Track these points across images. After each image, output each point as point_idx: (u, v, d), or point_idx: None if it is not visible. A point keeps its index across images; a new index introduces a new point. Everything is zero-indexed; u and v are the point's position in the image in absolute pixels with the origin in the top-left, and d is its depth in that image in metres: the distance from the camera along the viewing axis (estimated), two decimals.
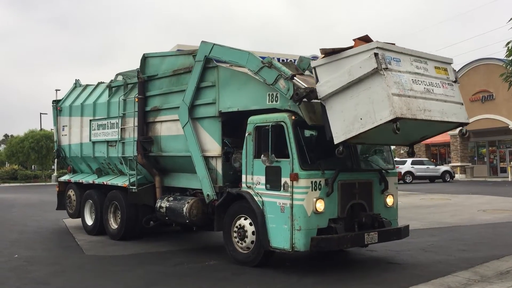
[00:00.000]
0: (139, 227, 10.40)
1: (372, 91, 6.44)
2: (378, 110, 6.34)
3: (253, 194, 7.57)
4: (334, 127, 6.86)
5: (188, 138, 8.84)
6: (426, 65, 7.05)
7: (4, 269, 7.93)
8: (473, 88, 38.99)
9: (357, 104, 6.59)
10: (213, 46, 8.55)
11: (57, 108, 13.27)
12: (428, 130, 7.52)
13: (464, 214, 14.56)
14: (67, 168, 13.34)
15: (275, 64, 7.55)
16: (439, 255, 8.55)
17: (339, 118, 6.81)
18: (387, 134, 6.75)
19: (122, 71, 11.58)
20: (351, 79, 6.59)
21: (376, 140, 7.59)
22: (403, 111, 6.25)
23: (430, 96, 6.80)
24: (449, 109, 7.04)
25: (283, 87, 7.34)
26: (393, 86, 6.34)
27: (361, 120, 6.51)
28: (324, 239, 6.97)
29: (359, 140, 7.05)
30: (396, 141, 8.05)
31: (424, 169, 35.02)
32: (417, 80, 6.75)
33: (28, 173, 49.21)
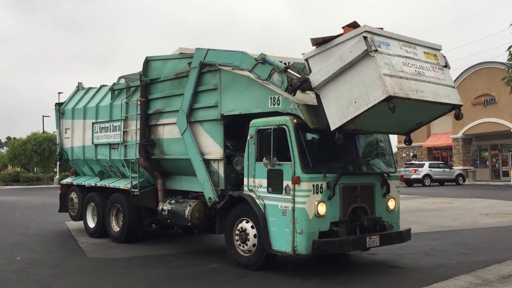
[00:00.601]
0: (141, 230, 10.41)
1: (364, 74, 6.54)
2: (371, 91, 6.42)
3: (255, 197, 7.58)
4: (330, 114, 6.95)
5: (187, 144, 8.89)
6: (415, 50, 7.15)
7: (6, 272, 7.95)
8: (475, 91, 38.99)
9: (350, 89, 6.68)
10: (208, 51, 8.68)
11: (59, 111, 13.30)
12: (423, 114, 7.51)
13: (466, 218, 14.54)
14: (70, 170, 13.38)
15: (268, 59, 7.64)
16: (441, 258, 8.54)
17: (334, 104, 6.91)
18: (383, 119, 6.91)
19: (125, 74, 11.64)
20: (342, 65, 6.69)
21: (372, 127, 7.59)
22: (395, 90, 6.32)
23: (421, 78, 6.87)
24: (441, 91, 7.08)
25: (277, 80, 7.45)
26: (384, 67, 6.43)
27: (355, 103, 6.60)
28: (326, 242, 6.97)
29: (356, 126, 7.09)
30: (392, 128, 8.00)
31: (441, 172, 35.36)
32: (408, 63, 6.84)
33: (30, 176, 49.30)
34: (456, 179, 35.37)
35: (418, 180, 34.31)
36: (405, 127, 7.90)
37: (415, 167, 35.38)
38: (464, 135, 40.64)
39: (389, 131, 8.18)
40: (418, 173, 34.39)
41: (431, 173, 34.73)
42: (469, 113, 39.44)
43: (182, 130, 9.00)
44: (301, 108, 7.19)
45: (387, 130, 8.11)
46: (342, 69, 6.73)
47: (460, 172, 36.26)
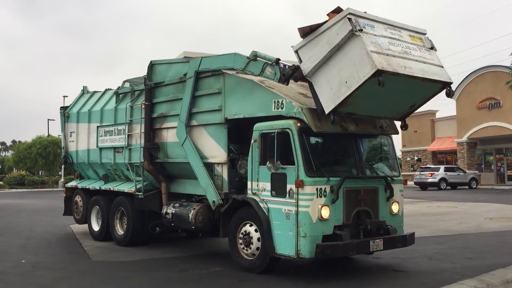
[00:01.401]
0: (145, 233, 10.43)
1: (352, 53, 6.70)
2: (360, 69, 6.57)
3: (258, 201, 7.59)
4: (323, 98, 7.09)
5: (188, 153, 8.97)
6: (400, 33, 7.28)
7: (11, 274, 7.99)
8: (480, 95, 38.88)
9: (340, 70, 6.85)
10: (201, 59, 8.88)
11: (64, 115, 13.37)
12: (414, 94, 7.56)
13: (470, 222, 14.49)
14: (74, 174, 13.43)
15: (260, 55, 7.83)
16: (445, 263, 8.52)
17: (326, 88, 7.06)
18: (376, 100, 7.13)
19: (129, 78, 11.68)
20: (330, 48, 6.87)
21: (366, 110, 7.61)
22: (383, 65, 6.47)
23: (408, 57, 7.00)
24: (430, 69, 7.17)
25: (270, 73, 7.62)
26: (370, 45, 6.59)
27: (346, 83, 6.74)
28: (329, 246, 6.98)
29: (350, 108, 7.18)
30: (386, 112, 8.00)
31: (455, 175, 35.45)
32: (394, 42, 6.99)
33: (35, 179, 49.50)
34: (469, 182, 35.50)
35: (434, 183, 34.43)
36: (399, 110, 7.93)
37: (431, 171, 35.44)
38: (469, 139, 40.50)
39: (383, 115, 8.13)
40: (434, 177, 34.48)
41: (447, 177, 34.84)
42: (473, 117, 39.38)
43: (182, 140, 9.12)
44: (305, 111, 7.22)
45: (381, 114, 8.04)
46: (331, 53, 6.91)
47: (473, 176, 36.29)
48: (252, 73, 7.90)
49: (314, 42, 7.21)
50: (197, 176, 8.75)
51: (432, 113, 49.02)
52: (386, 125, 8.25)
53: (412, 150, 49.67)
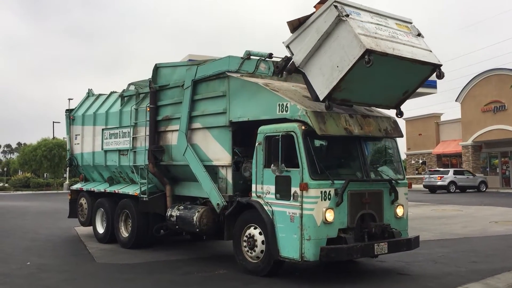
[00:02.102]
0: (150, 236, 10.46)
1: (341, 38, 6.89)
2: (350, 51, 6.74)
3: (262, 204, 7.59)
4: (317, 85, 7.26)
5: (190, 162, 9.02)
6: (387, 21, 7.45)
7: (16, 276, 8.02)
8: (485, 98, 38.77)
9: (331, 56, 7.03)
10: (197, 67, 9.02)
11: (70, 117, 13.44)
12: (405, 78, 7.63)
13: (475, 225, 14.43)
14: (79, 176, 13.47)
15: (253, 53, 8.00)
16: (450, 266, 8.50)
17: (319, 75, 7.23)
18: (369, 86, 7.30)
19: (134, 81, 11.73)
20: (319, 36, 7.07)
21: (361, 97, 7.68)
22: (371, 45, 6.62)
23: (396, 40, 7.15)
24: (418, 52, 7.30)
25: (264, 68, 7.80)
26: (358, 28, 6.79)
27: (338, 67, 6.91)
28: (334, 249, 6.97)
29: (344, 94, 7.28)
30: (380, 100, 8.05)
31: (465, 179, 35.42)
32: (381, 28, 7.17)
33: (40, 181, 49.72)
34: (479, 186, 35.42)
35: (443, 186, 34.37)
36: (393, 97, 7.99)
37: (440, 174, 35.37)
38: (474, 142, 40.37)
39: (378, 103, 8.16)
40: (444, 180, 34.41)
41: (456, 180, 34.77)
42: (478, 120, 39.26)
43: (183, 149, 9.18)
44: (309, 114, 7.22)
45: (376, 102, 8.09)
46: (321, 41, 7.10)
47: (482, 179, 36.17)
48: (247, 72, 8.06)
49: (303, 34, 7.40)
50: (200, 182, 8.81)
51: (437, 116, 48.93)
52: (390, 128, 8.25)
53: (416, 153, 49.54)
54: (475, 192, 34.28)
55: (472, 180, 35.64)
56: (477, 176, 36.56)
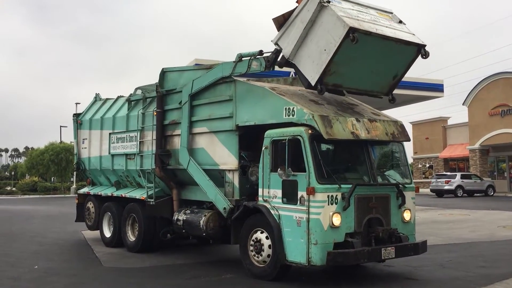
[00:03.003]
0: (157, 240, 10.47)
1: (325, 23, 7.23)
2: (334, 33, 7.06)
3: (269, 208, 7.59)
4: (307, 72, 7.53)
5: (194, 174, 9.11)
6: (368, 10, 7.75)
7: (24, 280, 8.06)
8: (492, 102, 38.61)
9: (318, 42, 7.33)
10: (193, 82, 9.24)
11: (77, 122, 13.49)
12: (392, 61, 7.83)
13: (483, 230, 14.34)
14: (86, 180, 13.52)
15: (244, 54, 8.24)
16: (458, 271, 8.45)
17: (308, 63, 7.50)
18: (358, 70, 7.59)
19: (141, 85, 11.76)
20: (305, 25, 7.41)
21: (352, 82, 7.90)
22: (354, 25, 6.92)
23: (378, 23, 7.42)
24: (401, 33, 7.57)
25: (256, 65, 8.07)
26: (340, 11, 7.13)
27: (325, 50, 7.20)
28: (341, 254, 6.95)
29: (335, 78, 7.52)
30: (372, 85, 8.25)
31: (472, 183, 35.34)
32: (362, 13, 7.46)
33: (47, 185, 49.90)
34: (486, 190, 35.28)
35: (451, 191, 34.23)
36: (383, 82, 8.17)
37: (447, 178, 35.23)
38: (481, 146, 40.17)
39: (370, 89, 8.32)
40: (451, 184, 34.28)
41: (463, 184, 34.63)
42: (486, 124, 39.07)
43: (186, 163, 9.27)
44: (316, 118, 7.22)
45: (367, 87, 8.26)
46: (306, 30, 7.42)
47: (490, 183, 35.98)
48: (240, 73, 8.35)
49: (290, 28, 7.70)
50: (205, 191, 8.87)
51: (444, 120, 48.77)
52: (397, 132, 8.23)
53: (423, 157, 49.36)
54: (482, 197, 34.09)
55: (479, 184, 35.50)
56: (484, 180, 36.37)
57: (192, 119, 9.42)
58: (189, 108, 9.35)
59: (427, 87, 25.27)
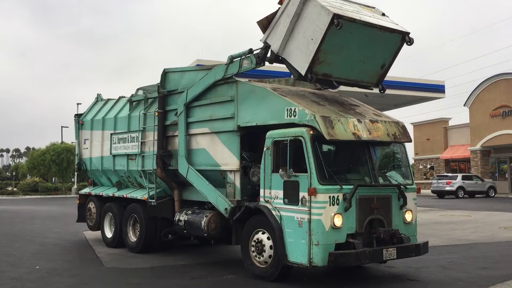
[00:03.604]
0: (158, 240, 10.47)
1: (310, 14, 7.46)
2: (320, 22, 7.27)
3: (271, 209, 7.59)
4: (297, 63, 7.70)
5: (194, 182, 9.19)
6: (350, 4, 7.95)
7: (26, 280, 8.06)
8: (493, 103, 38.58)
9: (304, 33, 7.55)
10: (187, 91, 9.37)
11: (79, 122, 13.51)
12: (378, 50, 8.02)
13: (485, 231, 14.33)
14: (88, 181, 13.53)
15: (235, 55, 8.45)
16: (459, 272, 8.44)
17: (297, 54, 7.67)
18: (346, 58, 7.77)
19: (143, 86, 11.78)
20: (290, 18, 7.65)
21: (341, 72, 8.01)
22: (338, 11, 7.16)
23: (362, 13, 7.62)
24: (384, 23, 7.75)
25: (247, 64, 8.28)
26: (324, 2, 7.35)
27: (312, 40, 7.39)
28: (342, 255, 6.95)
29: (324, 67, 7.66)
30: (361, 75, 8.34)
31: (473, 184, 35.33)
32: (345, 4, 7.70)
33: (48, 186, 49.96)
34: (488, 191, 35.26)
35: (452, 192, 34.20)
36: (372, 71, 8.31)
37: (448, 179, 35.20)
38: (482, 147, 40.13)
39: (359, 78, 8.40)
40: (452, 185, 34.25)
41: (464, 185, 34.62)
42: (487, 125, 39.03)
43: (185, 172, 9.36)
44: (318, 119, 7.22)
45: (357, 77, 8.35)
46: (293, 23, 7.65)
47: (491, 185, 35.96)
48: (232, 74, 8.52)
49: (276, 26, 7.92)
50: (206, 196, 8.91)
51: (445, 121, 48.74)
52: (399, 133, 8.22)
53: (424, 158, 49.32)
54: (483, 198, 34.05)
55: (480, 186, 35.48)
56: (485, 182, 36.33)
57: (192, 121, 9.45)
58: (185, 118, 9.49)
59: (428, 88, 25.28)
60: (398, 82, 22.67)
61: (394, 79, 23.00)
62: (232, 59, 8.50)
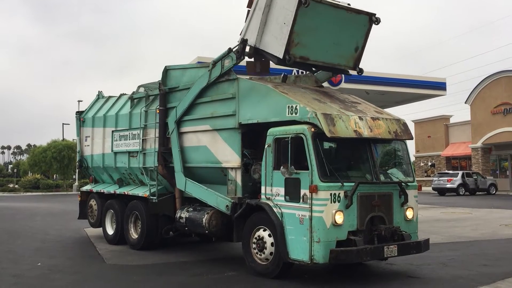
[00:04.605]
0: (159, 237, 10.49)
1: (279, 1, 7.90)
2: (289, 5, 7.70)
3: (272, 206, 7.60)
4: (274, 49, 8.03)
5: (193, 192, 9.29)
6: None
7: (28, 277, 8.09)
8: (494, 100, 38.53)
9: (277, 19, 7.96)
10: (176, 109, 9.64)
11: (80, 119, 13.51)
12: (348, 31, 8.39)
13: (485, 228, 14.33)
14: (89, 178, 13.55)
15: (216, 59, 8.76)
16: (460, 269, 8.45)
17: (273, 41, 8.04)
18: (319, 40, 8.13)
19: (144, 83, 11.78)
20: (262, 11, 8.08)
21: (317, 54, 8.34)
22: None
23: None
24: (351, 7, 8.21)
25: (228, 62, 8.58)
26: None
27: (285, 24, 7.81)
28: (343, 252, 6.96)
29: (300, 50, 7.97)
30: (337, 58, 8.66)
31: (473, 181, 35.25)
32: None
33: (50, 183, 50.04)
34: (488, 188, 35.28)
35: (453, 189, 34.18)
36: (347, 54, 8.65)
37: (449, 176, 35.19)
38: (484, 144, 40.10)
39: (336, 62, 8.70)
40: (453, 182, 34.23)
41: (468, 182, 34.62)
42: (488, 122, 39.00)
43: (183, 186, 9.48)
44: (319, 116, 7.22)
45: (333, 60, 8.64)
46: (265, 15, 8.07)
47: (492, 182, 35.96)
48: (216, 76, 8.79)
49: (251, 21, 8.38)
50: (206, 201, 8.96)
51: (446, 118, 48.69)
52: (400, 131, 8.22)
53: (425, 156, 49.30)
54: (484, 195, 34.05)
55: (482, 183, 35.46)
56: (487, 179, 36.32)
57: (194, 118, 9.46)
58: (177, 135, 9.63)
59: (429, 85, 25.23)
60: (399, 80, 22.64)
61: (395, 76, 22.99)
62: (214, 63, 8.83)
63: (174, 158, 9.70)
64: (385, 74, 22.72)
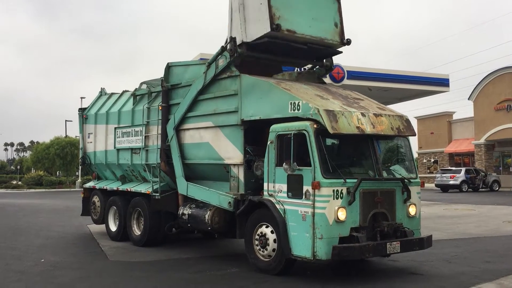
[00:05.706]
0: (162, 234, 10.51)
1: None
2: None
3: (274, 202, 7.60)
4: (259, 30, 8.34)
5: (195, 195, 9.33)
6: None
7: (31, 274, 8.12)
8: (498, 97, 38.41)
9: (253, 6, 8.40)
10: (174, 115, 9.74)
11: (83, 116, 13.52)
12: (324, 9, 8.87)
13: (488, 225, 14.32)
14: (92, 175, 13.57)
15: (210, 61, 8.93)
16: (463, 266, 8.44)
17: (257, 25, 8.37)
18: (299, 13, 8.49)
19: (146, 80, 11.78)
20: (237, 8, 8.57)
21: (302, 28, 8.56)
22: None
23: None
24: None
25: (223, 61, 8.70)
26: None
27: (261, 4, 8.21)
28: (346, 248, 6.95)
29: (284, 23, 8.23)
30: (320, 31, 8.88)
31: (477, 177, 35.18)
32: None
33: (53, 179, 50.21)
34: (492, 185, 35.24)
35: (456, 186, 34.13)
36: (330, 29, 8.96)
37: (452, 173, 35.13)
38: (487, 140, 40.00)
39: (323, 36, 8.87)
40: (456, 179, 34.19)
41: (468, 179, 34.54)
42: (491, 119, 38.89)
43: (185, 190, 9.52)
44: (321, 113, 7.21)
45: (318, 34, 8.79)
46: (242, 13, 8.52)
47: (495, 178, 35.89)
48: (211, 77, 8.90)
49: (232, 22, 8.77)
50: (209, 201, 8.96)
51: (449, 114, 48.58)
52: (403, 127, 8.20)
53: (428, 152, 49.23)
54: (487, 192, 33.99)
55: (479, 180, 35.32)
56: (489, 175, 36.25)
57: (196, 115, 9.46)
58: (176, 142, 9.68)
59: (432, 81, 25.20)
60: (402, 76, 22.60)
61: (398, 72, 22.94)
62: (209, 65, 8.95)
63: (175, 164, 9.73)
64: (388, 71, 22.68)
